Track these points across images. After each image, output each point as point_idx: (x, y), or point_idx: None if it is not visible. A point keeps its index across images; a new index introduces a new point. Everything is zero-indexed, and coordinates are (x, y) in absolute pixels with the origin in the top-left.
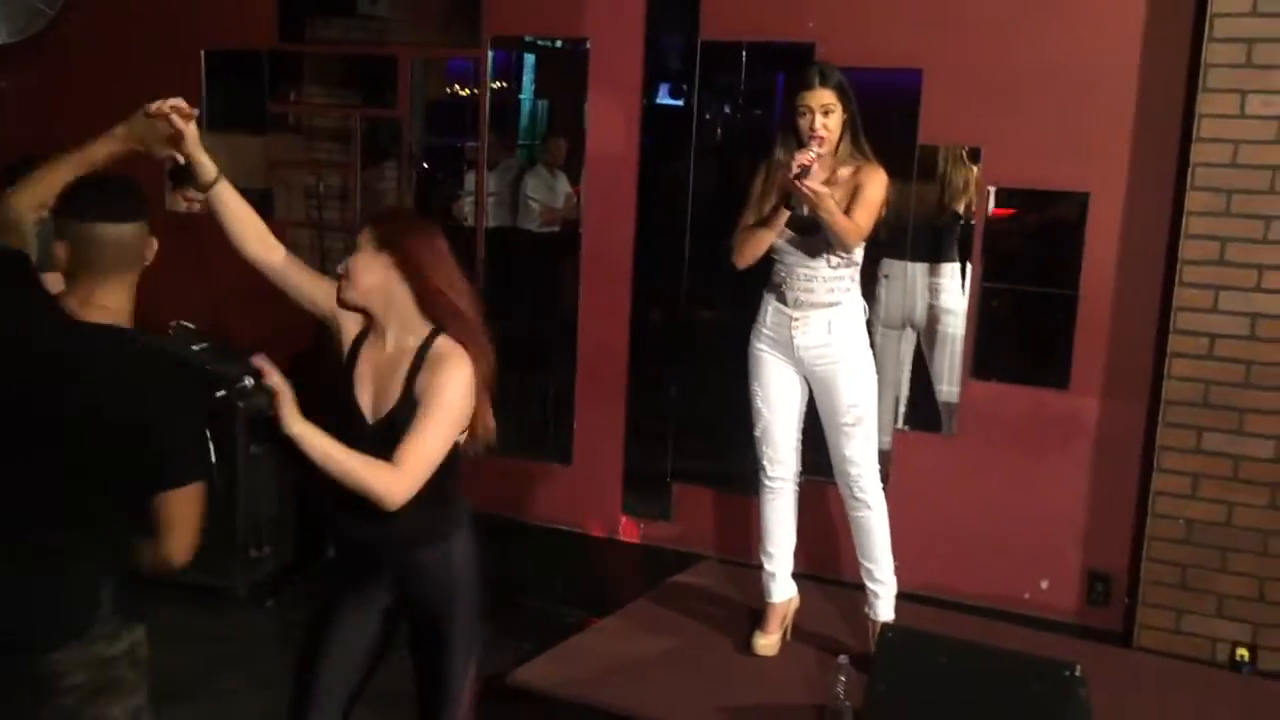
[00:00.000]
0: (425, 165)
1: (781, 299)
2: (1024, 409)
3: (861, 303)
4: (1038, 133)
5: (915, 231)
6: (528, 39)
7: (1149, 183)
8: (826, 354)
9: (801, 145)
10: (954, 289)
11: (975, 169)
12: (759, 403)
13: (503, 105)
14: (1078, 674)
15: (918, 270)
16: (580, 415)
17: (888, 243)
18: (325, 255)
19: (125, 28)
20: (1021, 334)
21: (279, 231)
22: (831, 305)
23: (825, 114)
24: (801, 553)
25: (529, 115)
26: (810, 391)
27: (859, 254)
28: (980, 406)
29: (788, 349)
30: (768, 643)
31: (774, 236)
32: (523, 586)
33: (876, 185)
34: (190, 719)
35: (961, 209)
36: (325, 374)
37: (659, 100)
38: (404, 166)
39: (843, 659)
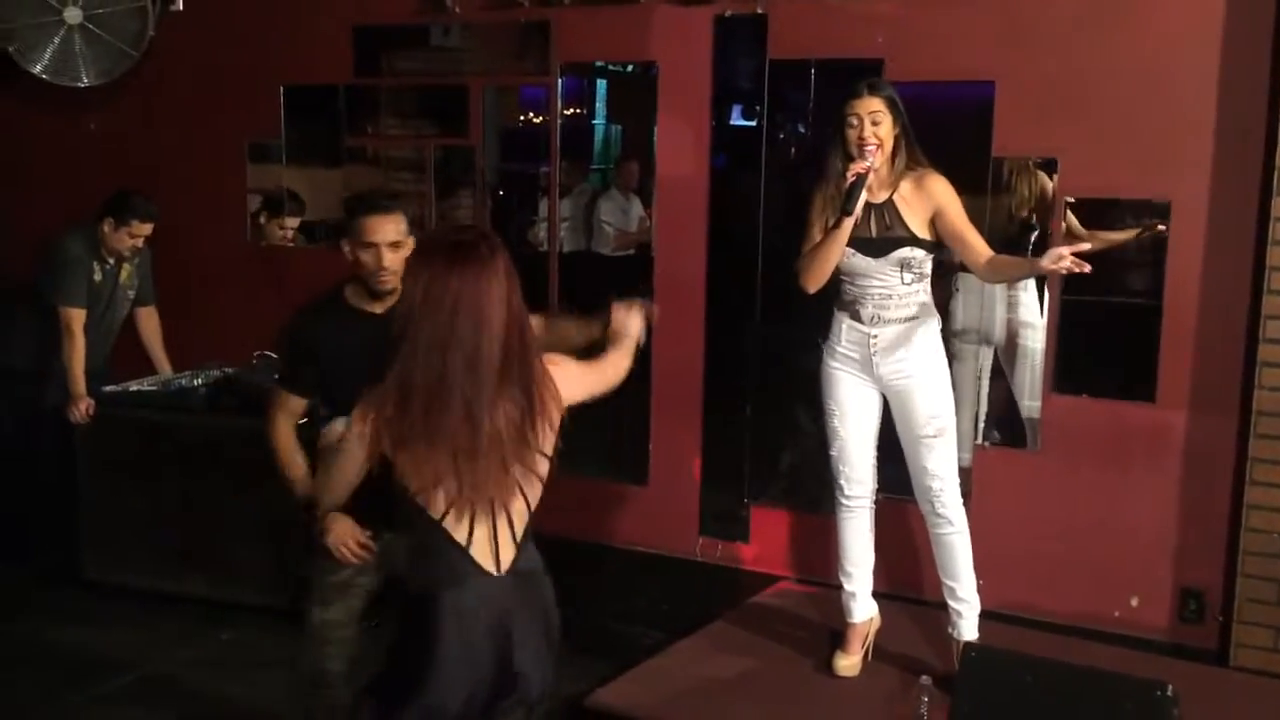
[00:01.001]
0: (500, 192)
1: (856, 316)
2: (1109, 423)
3: (935, 314)
4: (1115, 142)
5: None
6: (598, 64)
7: (1233, 189)
8: (904, 368)
9: (851, 158)
10: (1031, 302)
11: (1050, 179)
12: (835, 422)
13: (575, 131)
14: (1170, 694)
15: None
16: (656, 437)
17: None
18: None
19: (207, 67)
20: (1104, 347)
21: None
22: (908, 320)
23: (874, 123)
24: (882, 572)
25: (601, 140)
26: (886, 408)
27: (929, 266)
28: (1063, 421)
29: (865, 366)
30: (849, 663)
31: (839, 253)
32: (600, 608)
33: (950, 194)
34: None
35: (1036, 220)
36: None
37: (729, 121)
38: (478, 194)
39: (925, 679)
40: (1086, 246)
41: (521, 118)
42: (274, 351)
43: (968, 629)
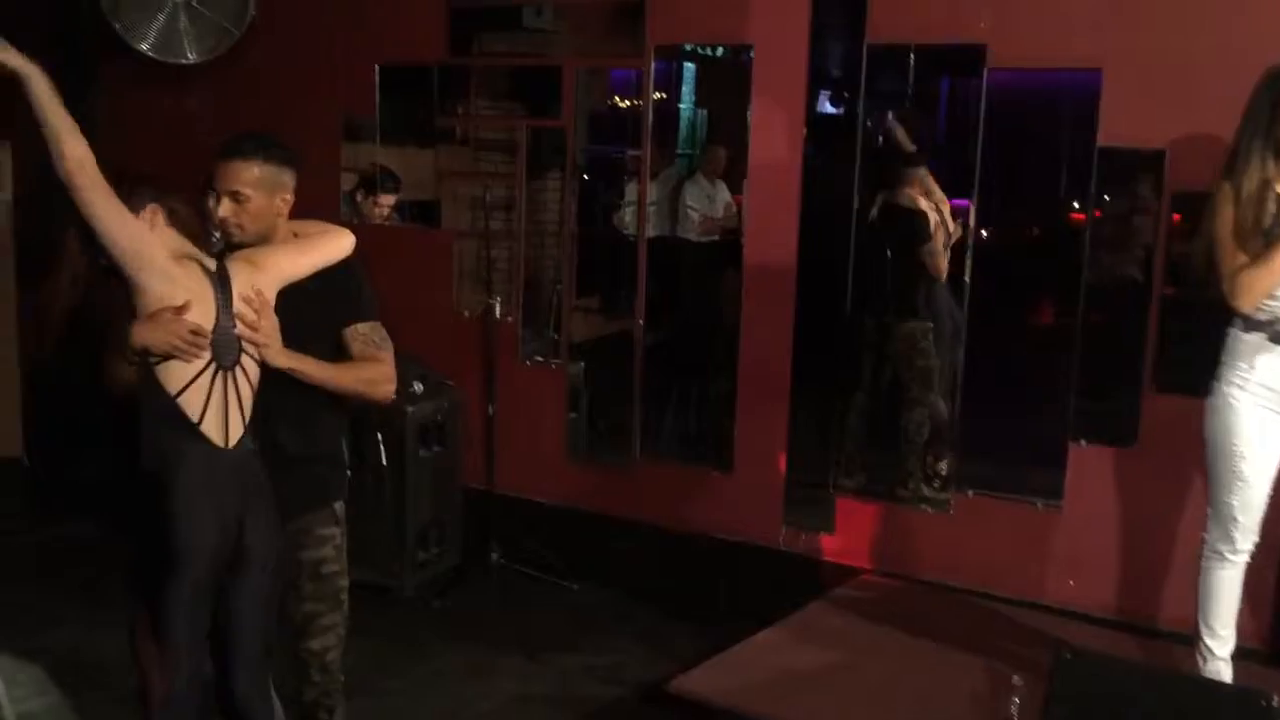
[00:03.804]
0: (585, 175)
1: (1277, 339)
2: None
3: None
4: (1226, 132)
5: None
6: (688, 48)
7: None
8: None
9: None
10: None
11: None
12: (1242, 465)
13: (662, 115)
14: (1274, 704)
15: None
16: (742, 424)
17: None
18: (491, 264)
19: (305, 45)
20: (1208, 344)
21: (446, 241)
22: None
23: None
24: (965, 569)
25: (688, 124)
26: None
27: None
28: (1165, 420)
29: None
30: None
31: None
32: (682, 595)
33: None
34: (355, 717)
35: None
36: None
37: (824, 107)
38: (568, 176)
39: (1017, 679)
40: None
41: (610, 101)
42: None
43: None
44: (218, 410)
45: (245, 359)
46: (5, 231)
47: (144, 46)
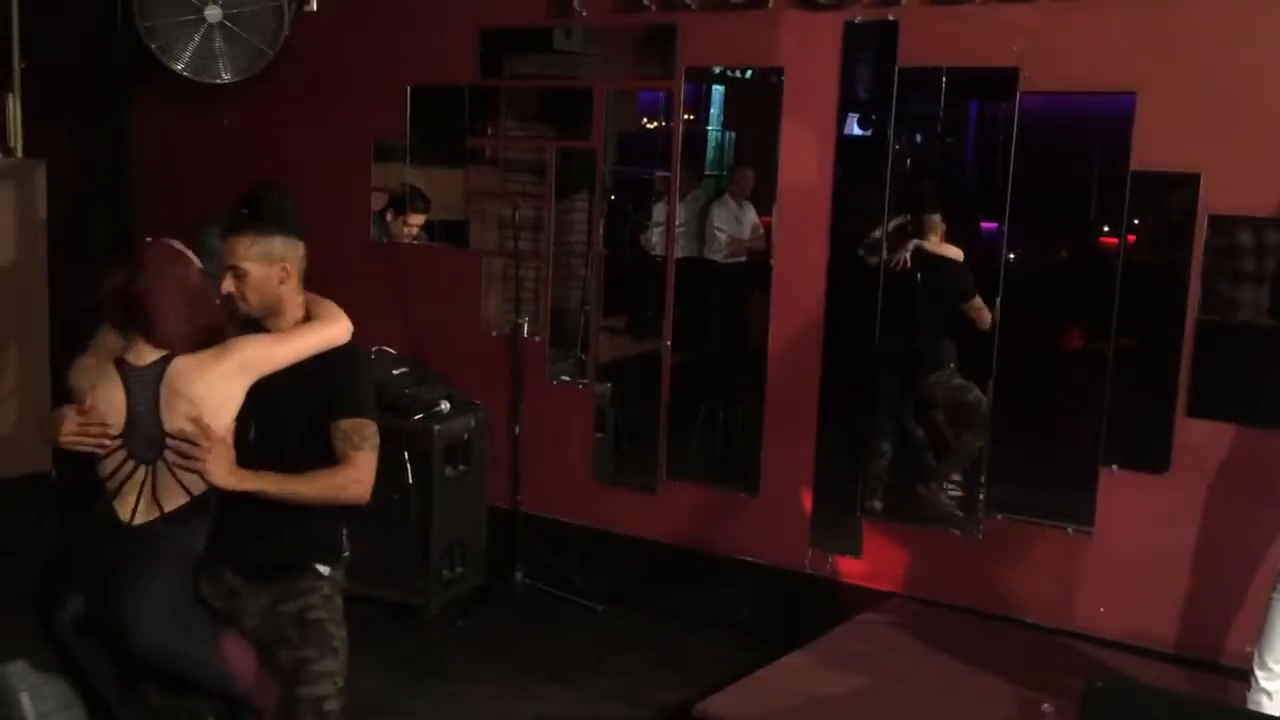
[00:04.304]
0: (612, 196)
1: None
2: (1246, 449)
3: None
4: (1261, 156)
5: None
6: (717, 70)
7: None
8: None
9: None
10: None
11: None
12: None
13: (690, 136)
14: None
15: None
16: (768, 446)
17: None
18: (519, 284)
19: (337, 66)
20: (1242, 370)
21: (475, 261)
22: None
23: None
24: (991, 593)
25: (715, 146)
26: None
27: None
28: (1199, 446)
29: None
30: None
31: None
32: (708, 617)
33: None
34: None
35: None
36: None
37: (855, 129)
38: (596, 197)
39: (1047, 707)
40: None
41: (639, 122)
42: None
43: None
44: (129, 493)
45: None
46: (40, 252)
47: (179, 67)
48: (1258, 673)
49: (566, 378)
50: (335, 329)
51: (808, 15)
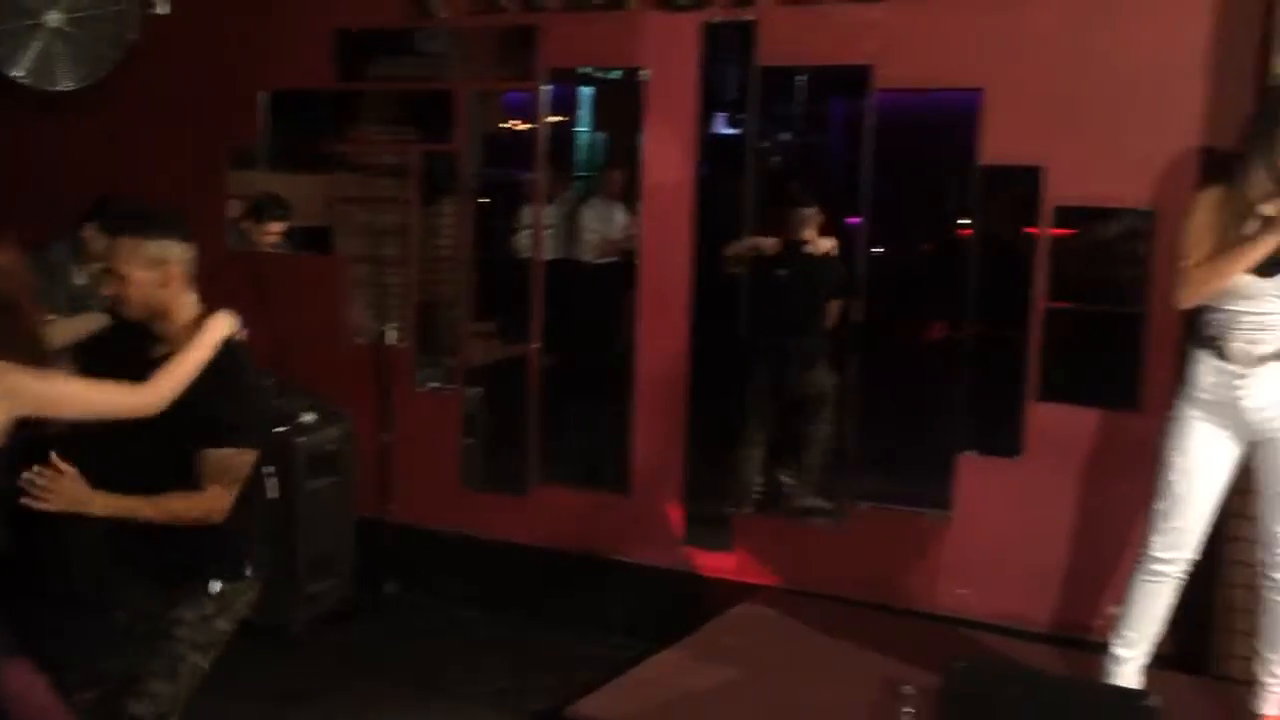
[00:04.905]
0: (482, 199)
1: (1221, 354)
2: (1094, 431)
3: None
4: (1100, 150)
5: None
6: (583, 71)
7: None
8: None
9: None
10: None
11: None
12: (1174, 475)
13: (559, 138)
14: (1153, 704)
15: None
16: (639, 446)
17: None
18: (385, 291)
19: (190, 71)
20: (1090, 354)
21: (338, 268)
22: None
23: None
24: (863, 580)
25: (586, 147)
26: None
27: None
28: (1049, 429)
29: (1229, 414)
30: None
31: (1245, 268)
32: (583, 620)
33: None
34: None
35: None
36: None
37: (716, 128)
38: (462, 201)
39: (908, 689)
40: None
41: (506, 124)
42: None
43: (1275, 704)
44: None
45: None
46: None
47: (19, 74)
48: (1114, 642)
49: (435, 384)
50: (137, 398)
51: (666, 16)
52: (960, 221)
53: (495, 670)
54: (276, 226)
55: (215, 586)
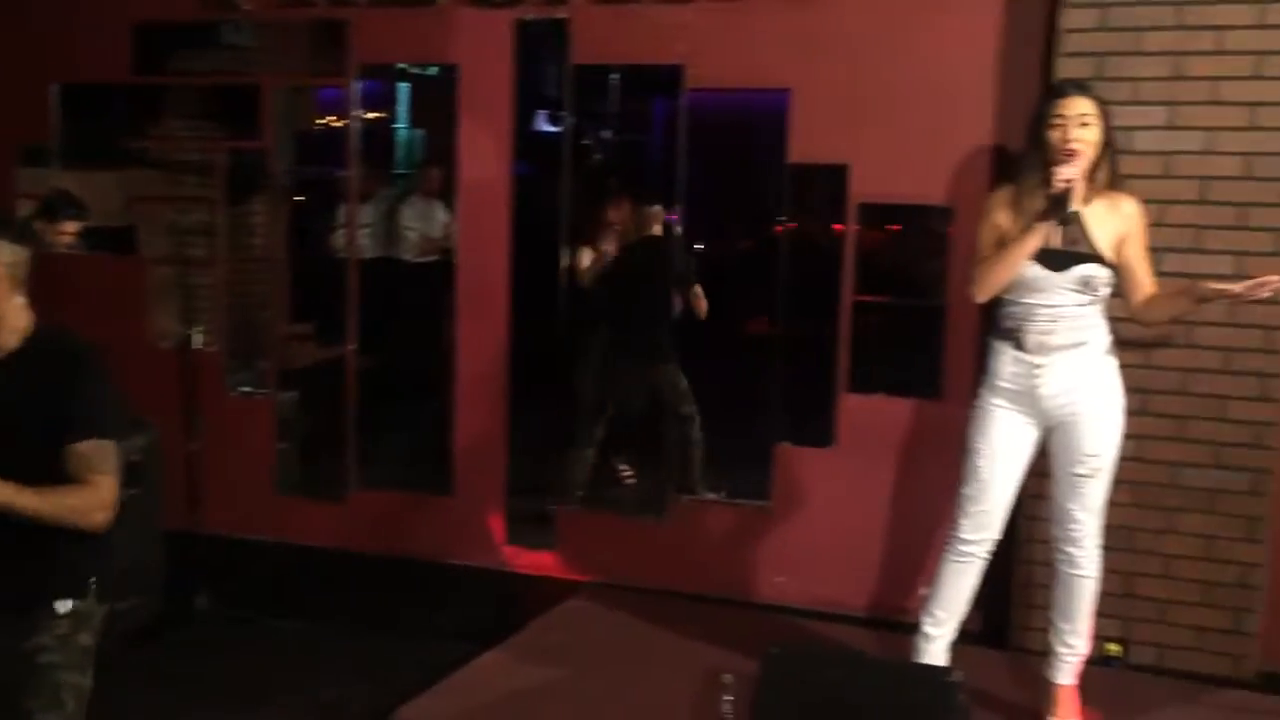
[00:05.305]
0: (298, 198)
1: (1020, 345)
2: (901, 420)
3: (1110, 343)
4: (902, 149)
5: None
6: (399, 67)
7: None
8: (1074, 399)
9: (1050, 163)
10: None
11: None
12: (980, 460)
13: (376, 134)
14: (955, 679)
15: None
16: (460, 445)
17: None
18: (191, 292)
19: None
20: (894, 346)
21: (139, 269)
22: (1077, 345)
23: (1082, 125)
24: (701, 573)
25: (404, 144)
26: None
27: (1106, 290)
28: (858, 419)
29: (1028, 401)
30: None
31: (1023, 260)
32: (405, 621)
33: (1143, 222)
34: None
35: None
36: None
37: (532, 125)
38: (273, 199)
39: (727, 677)
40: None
41: (321, 120)
42: None
43: (1069, 674)
44: None
45: None
46: None
47: None
48: (924, 621)
49: (248, 388)
50: None
51: (478, 13)
52: (775, 219)
53: (317, 681)
54: (71, 226)
55: (65, 605)
